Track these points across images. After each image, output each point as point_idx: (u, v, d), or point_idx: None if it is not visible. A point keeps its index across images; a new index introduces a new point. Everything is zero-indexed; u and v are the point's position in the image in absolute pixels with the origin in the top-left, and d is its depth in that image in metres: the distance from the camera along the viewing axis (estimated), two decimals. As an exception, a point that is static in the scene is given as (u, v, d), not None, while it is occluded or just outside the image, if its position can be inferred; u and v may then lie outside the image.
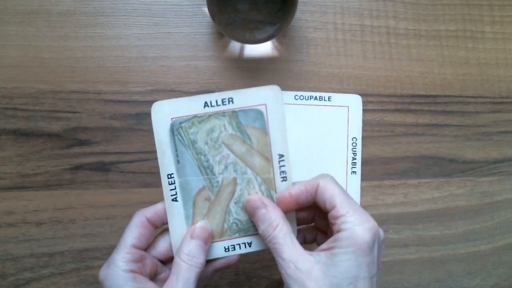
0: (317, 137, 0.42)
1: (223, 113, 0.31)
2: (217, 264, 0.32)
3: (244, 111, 0.31)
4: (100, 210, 0.40)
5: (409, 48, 0.44)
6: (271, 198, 0.32)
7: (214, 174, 0.32)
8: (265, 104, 0.31)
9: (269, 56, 0.42)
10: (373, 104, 0.43)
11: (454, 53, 0.44)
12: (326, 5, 0.43)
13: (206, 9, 0.42)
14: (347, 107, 0.42)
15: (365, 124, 0.43)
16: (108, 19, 0.41)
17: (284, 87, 0.42)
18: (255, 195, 0.31)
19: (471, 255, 0.43)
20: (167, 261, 0.32)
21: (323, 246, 0.28)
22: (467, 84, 0.44)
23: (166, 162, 0.31)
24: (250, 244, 0.33)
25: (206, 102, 0.31)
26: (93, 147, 0.40)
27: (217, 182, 0.32)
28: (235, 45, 0.42)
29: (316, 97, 0.42)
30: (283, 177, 0.32)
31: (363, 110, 0.43)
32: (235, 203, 0.32)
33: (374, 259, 0.27)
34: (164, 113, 0.31)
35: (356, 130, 0.42)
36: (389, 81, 0.43)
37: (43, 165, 0.39)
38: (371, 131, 0.43)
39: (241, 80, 0.42)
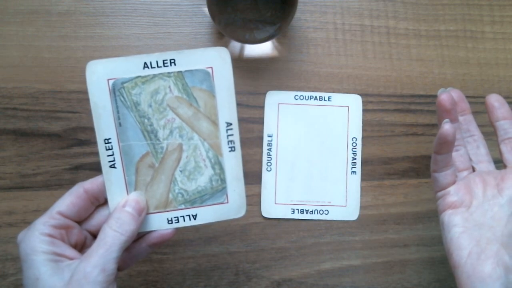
0: (317, 137, 0.42)
1: (168, 74, 0.29)
2: (151, 239, 0.30)
3: (191, 71, 0.29)
4: (100, 210, 0.40)
5: (409, 48, 0.44)
6: (219, 165, 0.30)
7: (158, 140, 0.30)
8: (211, 67, 0.29)
9: (269, 56, 0.42)
10: (373, 104, 0.43)
11: (454, 53, 0.44)
12: (326, 5, 0.43)
13: (206, 9, 0.42)
14: (347, 107, 0.42)
15: (365, 124, 0.43)
16: (108, 19, 0.41)
17: (284, 87, 0.42)
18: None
19: (471, 255, 0.43)
20: None
21: None
22: (467, 84, 0.44)
23: (103, 126, 0.29)
24: (195, 217, 0.31)
25: (145, 63, 0.29)
26: (93, 147, 0.40)
27: (162, 148, 0.30)
28: (235, 45, 0.42)
29: (316, 97, 0.42)
30: (231, 147, 0.30)
31: (363, 110, 0.43)
32: (180, 171, 0.30)
33: None
34: (99, 74, 0.29)
35: (356, 130, 0.42)
36: (389, 81, 0.43)
37: (43, 165, 0.39)
38: (371, 131, 0.43)
39: (241, 80, 0.42)
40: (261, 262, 0.41)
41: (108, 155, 0.30)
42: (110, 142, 0.30)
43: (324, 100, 0.42)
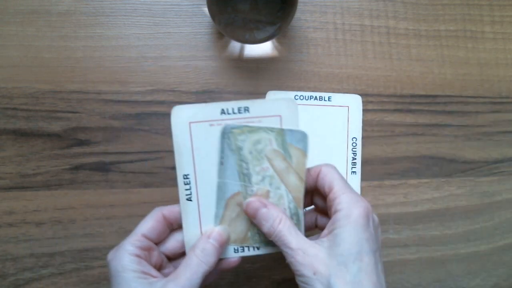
0: (317, 137, 0.42)
1: (272, 129, 0.33)
2: (220, 265, 0.33)
3: (291, 131, 0.33)
4: (100, 210, 0.40)
5: (409, 48, 0.44)
6: (297, 217, 0.33)
7: (250, 183, 0.33)
8: (280, 116, 0.33)
9: (269, 56, 0.42)
10: (373, 104, 0.43)
11: (454, 53, 0.44)
12: (326, 5, 0.43)
13: (206, 9, 0.42)
14: (347, 107, 0.42)
15: (365, 124, 0.43)
16: (108, 19, 0.41)
17: (284, 87, 0.42)
18: (254, 197, 0.32)
19: (471, 255, 0.43)
20: (174, 258, 0.33)
21: (325, 232, 0.30)
22: (467, 84, 0.44)
23: (183, 163, 0.32)
24: (258, 248, 0.34)
25: (223, 109, 0.32)
26: (93, 147, 0.40)
27: (252, 191, 0.33)
28: (235, 45, 0.42)
29: (316, 97, 0.42)
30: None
31: (363, 110, 0.43)
32: None
33: (372, 235, 0.29)
34: (182, 117, 0.32)
35: (356, 130, 0.42)
36: (389, 81, 0.43)
37: (43, 165, 0.39)
38: (371, 131, 0.43)
39: (241, 80, 0.42)
40: (261, 262, 0.41)
41: (186, 189, 0.33)
42: (188, 178, 0.33)
43: (324, 100, 0.42)
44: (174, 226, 0.33)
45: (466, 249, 0.43)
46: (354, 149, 0.42)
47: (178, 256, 0.33)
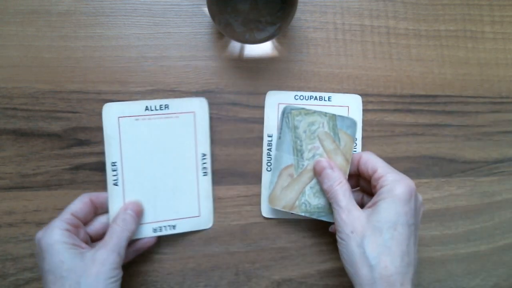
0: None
1: (325, 113, 0.38)
2: (136, 245, 0.38)
3: (342, 117, 0.38)
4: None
5: (409, 48, 0.44)
6: None
7: (302, 158, 0.38)
8: (193, 112, 0.38)
9: (269, 56, 0.42)
10: (373, 104, 0.43)
11: (454, 53, 0.44)
12: (326, 5, 0.43)
13: (206, 9, 0.42)
14: (347, 107, 0.42)
15: (365, 124, 0.43)
16: (108, 19, 0.41)
17: (284, 87, 0.42)
18: (324, 158, 0.37)
19: (471, 255, 0.43)
20: (96, 239, 0.37)
21: (369, 204, 0.34)
22: (467, 84, 0.44)
23: (112, 152, 0.37)
24: (174, 227, 0.39)
25: (147, 106, 0.38)
26: (93, 147, 0.40)
27: (303, 165, 0.38)
28: (235, 45, 0.42)
29: (316, 97, 0.42)
30: None
31: (363, 110, 0.43)
32: (310, 187, 0.38)
33: (412, 210, 0.33)
34: (112, 112, 0.37)
35: (356, 130, 0.42)
36: (389, 81, 0.43)
37: (43, 165, 0.39)
38: (371, 131, 0.43)
39: (241, 80, 0.42)
40: (261, 262, 0.41)
41: (113, 175, 0.37)
42: (115, 165, 0.37)
43: (324, 100, 0.42)
44: (99, 210, 0.37)
45: (466, 249, 0.43)
46: (354, 149, 0.42)
47: (100, 237, 0.36)
